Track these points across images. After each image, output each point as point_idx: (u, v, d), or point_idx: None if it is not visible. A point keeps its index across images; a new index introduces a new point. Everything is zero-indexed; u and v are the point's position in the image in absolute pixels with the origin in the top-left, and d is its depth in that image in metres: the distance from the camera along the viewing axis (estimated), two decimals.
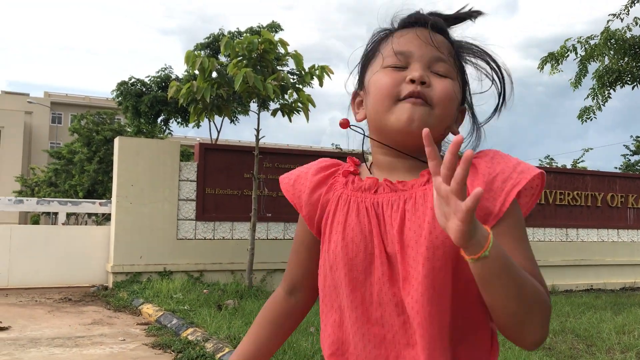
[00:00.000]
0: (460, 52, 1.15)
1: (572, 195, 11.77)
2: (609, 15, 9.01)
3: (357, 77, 1.21)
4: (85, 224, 23.59)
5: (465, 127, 1.19)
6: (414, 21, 1.14)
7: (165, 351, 5.32)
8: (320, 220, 1.17)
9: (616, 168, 29.85)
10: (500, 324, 0.98)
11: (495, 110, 1.18)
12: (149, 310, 6.99)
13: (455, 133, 1.14)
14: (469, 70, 1.17)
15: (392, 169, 1.13)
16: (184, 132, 35.73)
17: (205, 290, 7.99)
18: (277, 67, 9.13)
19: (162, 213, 9.17)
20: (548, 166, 25.78)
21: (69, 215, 21.27)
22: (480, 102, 1.19)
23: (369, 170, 1.18)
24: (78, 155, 23.63)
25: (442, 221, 0.88)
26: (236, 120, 15.28)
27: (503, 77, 1.16)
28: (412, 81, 1.07)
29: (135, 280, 8.77)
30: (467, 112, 1.18)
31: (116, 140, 9.41)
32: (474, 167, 1.04)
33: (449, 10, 1.18)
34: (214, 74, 8.51)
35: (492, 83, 1.16)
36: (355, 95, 1.21)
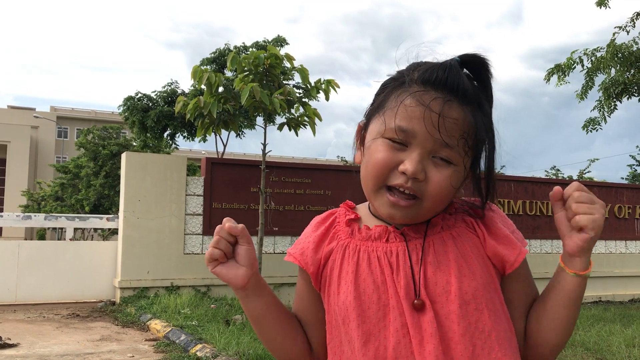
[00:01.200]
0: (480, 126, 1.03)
1: None
2: (615, 28, 9.06)
3: (367, 110, 1.11)
4: (92, 239, 23.62)
5: None
6: (435, 81, 1.00)
7: None
8: (323, 272, 1.12)
9: (622, 178, 29.74)
10: (550, 347, 1.08)
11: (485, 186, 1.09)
12: (157, 326, 6.99)
13: (460, 196, 1.09)
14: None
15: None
16: (189, 146, 35.88)
17: (212, 305, 7.99)
18: (283, 81, 9.17)
19: (169, 228, 9.18)
20: (555, 177, 25.73)
21: (75, 229, 21.29)
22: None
23: (370, 210, 1.13)
24: (84, 170, 23.73)
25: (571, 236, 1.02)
26: (242, 134, 15.36)
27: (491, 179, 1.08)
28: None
29: (142, 296, 8.77)
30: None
31: (123, 156, 9.45)
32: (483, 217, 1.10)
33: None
34: (221, 89, 8.55)
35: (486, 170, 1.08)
36: (360, 129, 1.12)
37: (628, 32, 8.93)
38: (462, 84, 1.00)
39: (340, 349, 1.08)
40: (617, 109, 9.17)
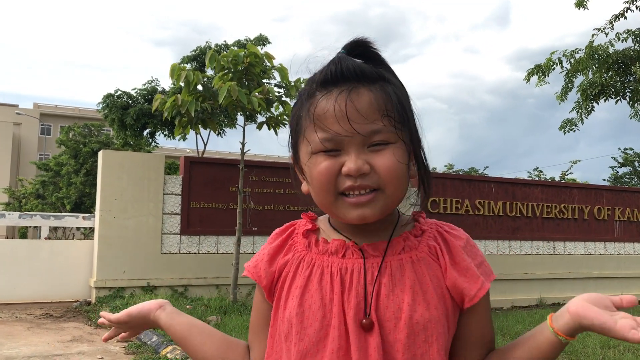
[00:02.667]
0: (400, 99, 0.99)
1: (560, 208, 11.78)
2: (594, 29, 9.10)
3: (289, 143, 1.07)
4: (72, 237, 23.39)
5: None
6: (332, 78, 0.97)
7: None
8: (277, 285, 1.07)
9: (604, 180, 30.02)
10: None
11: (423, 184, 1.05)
12: None
13: (414, 185, 1.05)
14: None
15: (355, 229, 1.04)
16: (174, 144, 35.67)
17: (188, 306, 7.89)
18: (264, 80, 9.12)
19: (146, 227, 9.07)
20: (537, 179, 25.91)
21: (56, 228, 21.07)
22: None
23: (330, 223, 1.08)
24: (65, 168, 23.48)
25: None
26: (223, 133, 15.25)
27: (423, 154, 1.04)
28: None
29: (118, 296, 8.65)
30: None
31: (100, 154, 9.33)
32: (445, 242, 1.04)
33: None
34: (199, 87, 8.47)
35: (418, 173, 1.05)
36: (294, 163, 1.08)
37: (607, 34, 8.98)
38: (356, 67, 0.97)
39: None
40: (594, 111, 9.23)
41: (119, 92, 14.42)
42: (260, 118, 9.14)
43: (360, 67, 0.97)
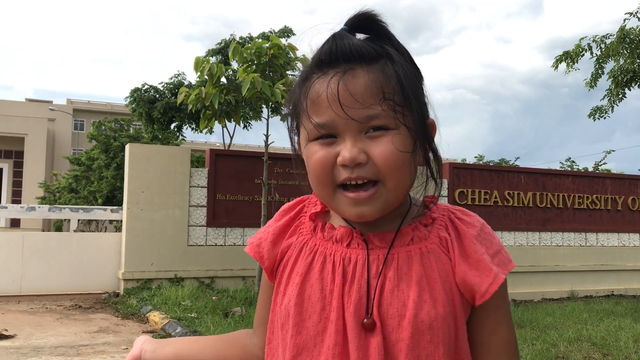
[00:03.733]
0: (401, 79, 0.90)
1: (592, 198, 11.49)
2: (625, 13, 8.80)
3: (288, 128, 1.01)
4: (105, 230, 23.78)
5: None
6: (327, 58, 0.90)
7: None
8: (279, 267, 1.02)
9: None
10: None
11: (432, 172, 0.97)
12: (156, 317, 6.95)
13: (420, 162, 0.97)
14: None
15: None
16: (205, 138, 35.99)
17: (214, 297, 7.94)
18: (287, 72, 9.08)
19: (173, 219, 9.15)
20: (569, 169, 25.39)
21: (89, 221, 21.41)
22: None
23: None
24: (96, 162, 23.86)
25: None
26: (249, 125, 15.26)
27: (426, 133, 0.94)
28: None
29: (146, 287, 8.76)
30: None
31: (127, 147, 9.43)
32: (457, 232, 0.95)
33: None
34: (223, 80, 8.48)
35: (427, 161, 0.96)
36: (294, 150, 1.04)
37: (639, 19, 8.66)
38: (353, 46, 0.89)
39: (277, 354, 0.99)
40: (625, 97, 8.94)
41: (146, 86, 14.55)
42: (285, 110, 9.12)
43: (358, 45, 0.89)
